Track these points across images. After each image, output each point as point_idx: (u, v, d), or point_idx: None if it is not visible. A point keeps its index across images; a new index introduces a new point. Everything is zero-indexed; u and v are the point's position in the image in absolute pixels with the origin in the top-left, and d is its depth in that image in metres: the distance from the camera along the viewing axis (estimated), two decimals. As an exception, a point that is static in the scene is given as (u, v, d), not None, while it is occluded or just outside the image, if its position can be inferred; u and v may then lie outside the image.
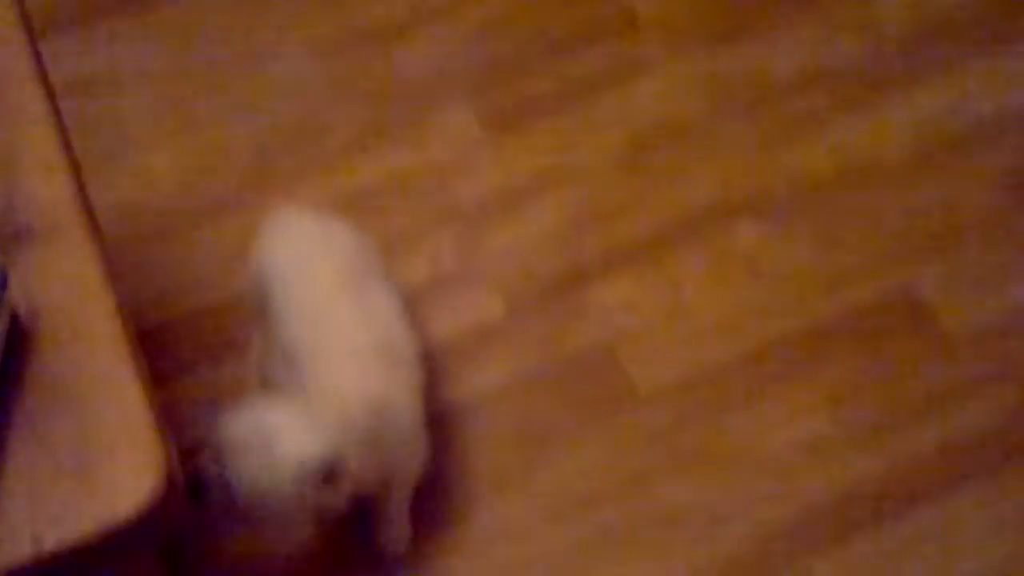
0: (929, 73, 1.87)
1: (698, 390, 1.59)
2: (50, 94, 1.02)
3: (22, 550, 0.78)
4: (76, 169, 0.99)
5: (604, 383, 1.60)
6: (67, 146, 1.00)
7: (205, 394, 1.57)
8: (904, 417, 1.57)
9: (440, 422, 1.54)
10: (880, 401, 1.58)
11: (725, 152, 1.80)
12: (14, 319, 0.86)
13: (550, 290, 1.67)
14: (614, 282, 1.68)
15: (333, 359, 1.32)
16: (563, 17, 1.93)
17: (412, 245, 1.71)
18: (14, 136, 0.97)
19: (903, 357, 1.62)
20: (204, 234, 1.72)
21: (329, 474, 1.21)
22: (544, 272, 1.69)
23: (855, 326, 1.64)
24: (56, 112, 1.01)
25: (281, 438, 1.19)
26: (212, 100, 1.84)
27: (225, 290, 1.66)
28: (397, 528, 1.47)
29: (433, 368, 1.58)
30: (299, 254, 1.40)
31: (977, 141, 1.81)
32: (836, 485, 1.52)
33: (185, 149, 1.79)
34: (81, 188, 0.97)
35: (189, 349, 1.61)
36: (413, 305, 1.63)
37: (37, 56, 1.04)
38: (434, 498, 1.51)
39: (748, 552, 1.48)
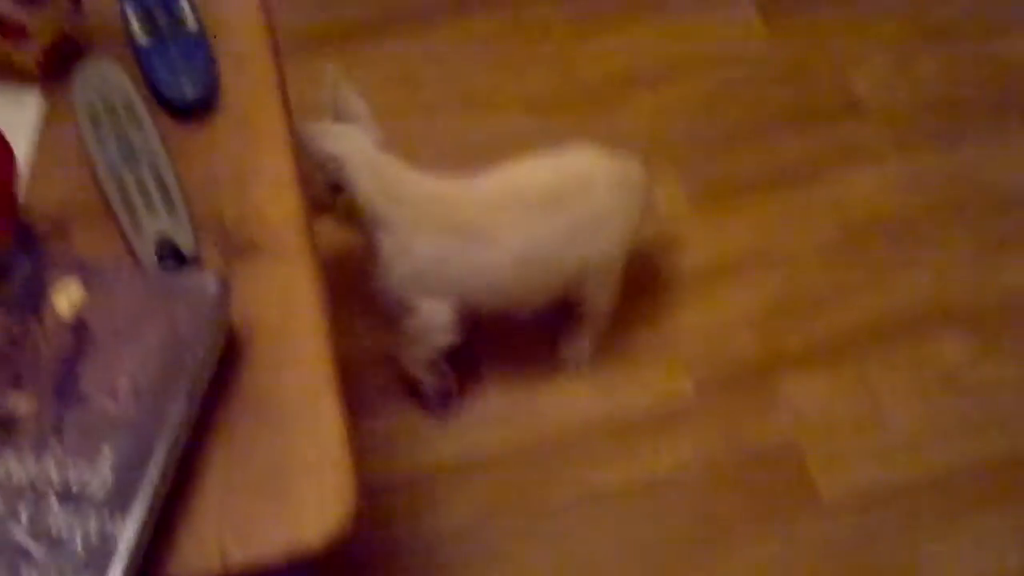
0: None
1: (885, 507, 1.52)
2: (289, 115, 1.03)
3: (209, 563, 0.78)
4: (303, 190, 0.99)
5: (787, 483, 1.54)
6: (298, 167, 1.00)
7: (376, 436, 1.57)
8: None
9: (617, 498, 1.51)
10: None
11: (940, 257, 1.73)
12: (229, 333, 0.86)
13: (742, 376, 1.62)
14: (808, 378, 1.62)
15: None
16: (785, 95, 1.90)
17: (613, 326, 1.68)
18: (254, 153, 0.97)
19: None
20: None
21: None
22: (738, 356, 1.64)
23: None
24: (292, 133, 1.02)
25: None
26: (427, 144, 1.85)
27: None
28: (581, 345, 1.63)
29: (614, 443, 1.55)
30: None
31: None
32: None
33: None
34: (306, 209, 0.98)
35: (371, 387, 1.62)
36: (603, 373, 1.60)
37: (282, 81, 1.05)
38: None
39: None
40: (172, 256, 0.89)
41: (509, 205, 1.47)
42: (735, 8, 1.99)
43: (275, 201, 0.96)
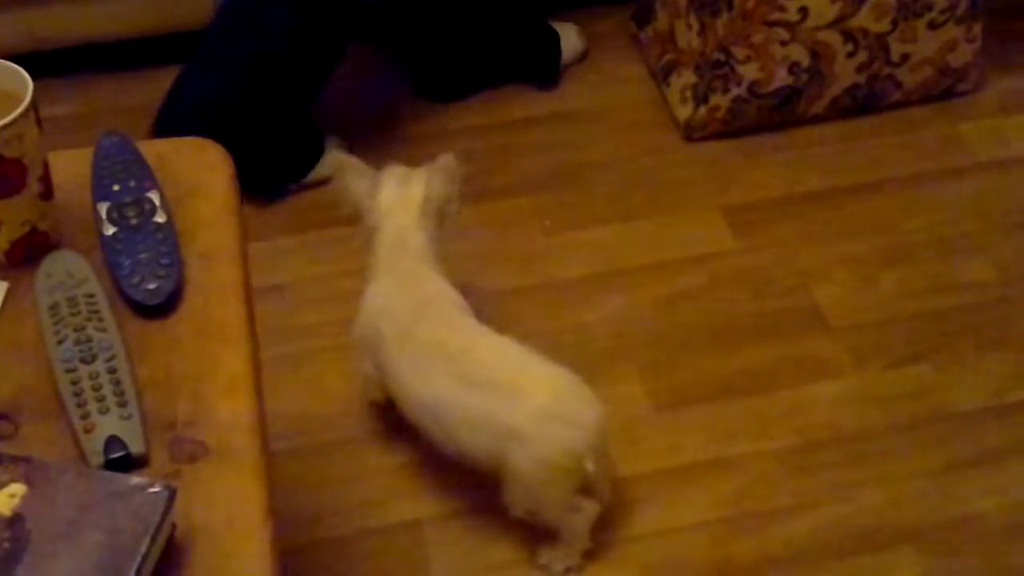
0: None
1: None
2: (251, 313, 1.04)
3: None
4: (259, 391, 1.00)
5: None
6: (256, 365, 1.01)
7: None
8: None
9: None
10: None
11: (896, 473, 1.73)
12: (170, 537, 0.85)
13: (694, 583, 1.61)
14: (761, 588, 1.61)
15: None
16: (749, 303, 1.93)
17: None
18: (212, 353, 0.98)
19: None
20: (367, 457, 1.73)
21: None
22: (691, 564, 1.63)
23: None
24: (252, 332, 1.03)
25: None
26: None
27: (382, 519, 1.66)
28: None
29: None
30: None
31: None
32: None
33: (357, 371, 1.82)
34: (261, 411, 0.98)
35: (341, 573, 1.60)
36: None
37: (247, 282, 1.07)
38: None
39: None
40: (121, 457, 0.88)
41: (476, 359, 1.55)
42: (703, 215, 2.04)
43: (229, 402, 0.96)
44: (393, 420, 1.73)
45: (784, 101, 2.12)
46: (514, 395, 1.51)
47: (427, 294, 1.62)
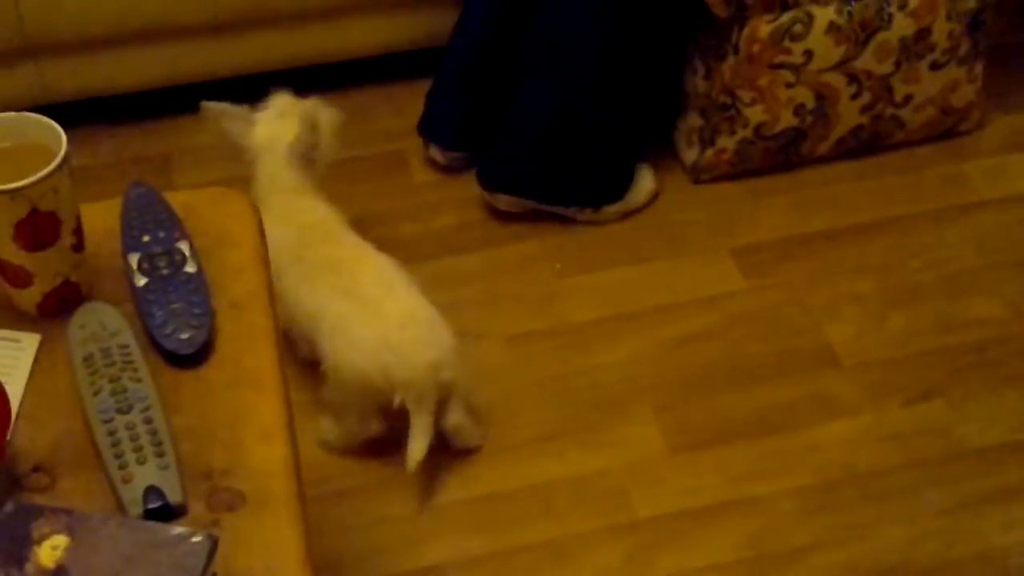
0: None
1: None
2: (282, 360, 1.05)
3: None
4: (293, 437, 1.00)
5: None
6: (289, 412, 1.02)
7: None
8: None
9: None
10: None
11: (913, 511, 1.73)
12: (213, 584, 0.85)
13: (715, 625, 1.61)
14: (781, 629, 1.61)
15: None
16: (761, 343, 1.93)
17: (581, 553, 1.67)
18: (245, 401, 0.99)
19: None
20: (387, 503, 1.73)
21: None
22: (711, 605, 1.63)
23: None
24: (284, 379, 1.04)
25: None
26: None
27: (404, 564, 1.66)
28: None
29: None
30: None
31: None
32: None
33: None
34: (295, 458, 0.99)
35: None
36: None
37: (277, 329, 1.07)
38: None
39: None
40: (159, 507, 0.89)
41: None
42: (713, 257, 2.05)
43: (264, 450, 0.97)
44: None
45: (790, 142, 2.13)
46: (375, 311, 1.66)
47: (310, 220, 1.78)
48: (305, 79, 2.20)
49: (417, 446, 1.64)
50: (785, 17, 1.97)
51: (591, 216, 2.09)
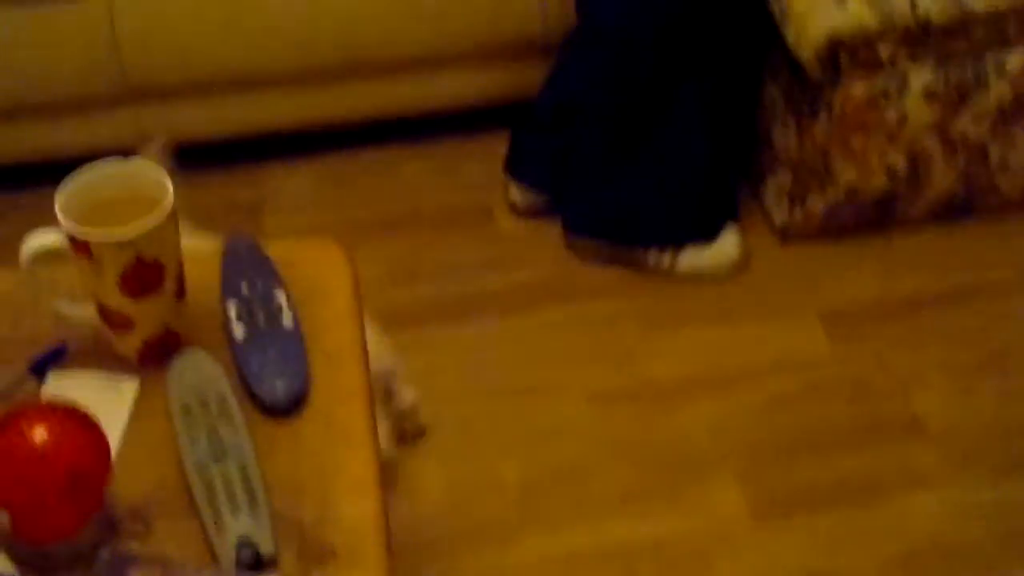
0: None
1: None
2: (373, 415, 1.05)
3: None
4: (383, 493, 1.00)
5: None
6: (379, 467, 1.02)
7: None
8: None
9: None
10: None
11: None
12: (301, 639, 0.85)
13: None
14: None
15: None
16: (847, 409, 1.90)
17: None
18: (337, 453, 0.99)
19: None
20: (464, 557, 1.72)
21: None
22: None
23: None
24: (375, 434, 1.04)
25: None
26: (491, 427, 1.87)
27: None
28: None
29: None
30: None
31: None
32: None
33: (460, 471, 1.82)
34: (385, 513, 0.98)
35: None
36: None
37: (368, 375, 1.07)
38: None
39: None
40: (251, 558, 0.89)
41: None
42: (800, 320, 2.03)
43: (354, 504, 0.96)
44: (488, 519, 1.72)
45: (881, 205, 2.11)
46: None
47: None
48: (393, 129, 2.23)
49: None
50: (880, 79, 1.96)
51: (669, 264, 2.07)
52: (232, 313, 1.05)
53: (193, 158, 2.24)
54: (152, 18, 2.05)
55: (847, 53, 1.91)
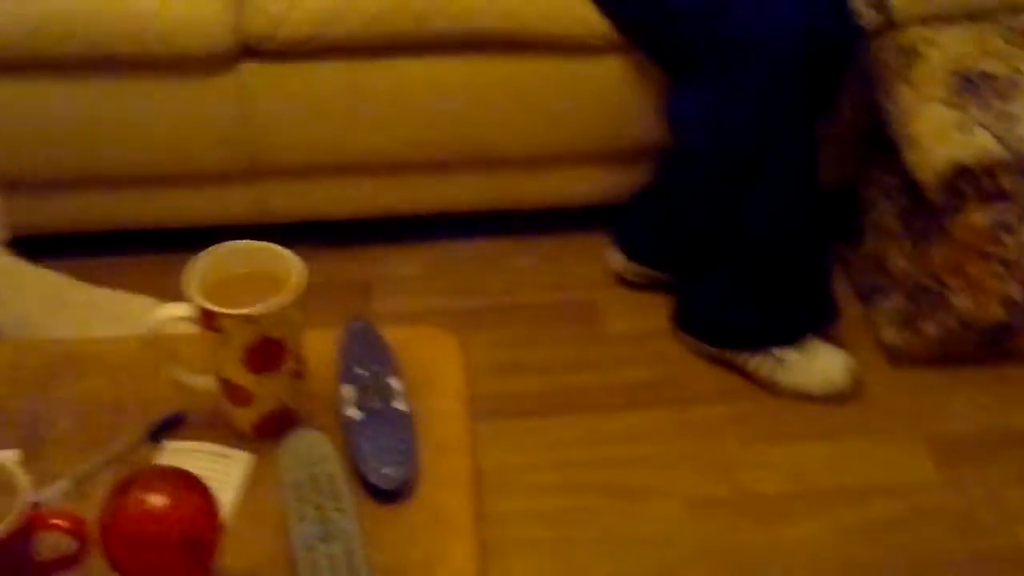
0: None
1: None
2: (479, 506, 1.05)
3: None
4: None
5: None
6: (483, 559, 1.01)
7: None
8: None
9: None
10: None
11: None
12: None
13: None
14: None
15: None
16: (951, 540, 1.85)
17: None
18: (442, 545, 0.99)
19: None
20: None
21: None
22: None
23: None
24: (480, 525, 1.04)
25: None
26: (584, 527, 1.86)
27: None
28: None
29: None
30: None
31: None
32: None
33: (551, 569, 1.81)
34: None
35: None
36: None
37: (476, 465, 1.08)
38: None
39: None
40: (351, 643, 0.89)
41: None
42: (906, 444, 1.99)
43: (455, 598, 0.96)
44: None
45: (995, 334, 2.07)
46: None
47: None
48: (504, 221, 2.26)
49: None
50: (1001, 208, 1.93)
51: (771, 371, 2.05)
52: (347, 395, 1.07)
53: (307, 235, 2.29)
54: (279, 101, 2.11)
55: (970, 181, 1.89)
